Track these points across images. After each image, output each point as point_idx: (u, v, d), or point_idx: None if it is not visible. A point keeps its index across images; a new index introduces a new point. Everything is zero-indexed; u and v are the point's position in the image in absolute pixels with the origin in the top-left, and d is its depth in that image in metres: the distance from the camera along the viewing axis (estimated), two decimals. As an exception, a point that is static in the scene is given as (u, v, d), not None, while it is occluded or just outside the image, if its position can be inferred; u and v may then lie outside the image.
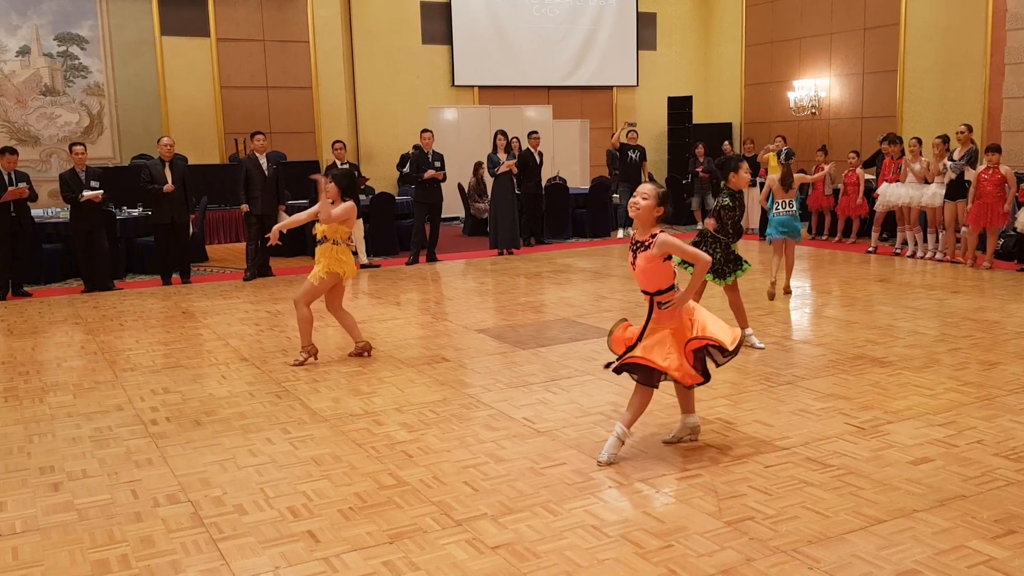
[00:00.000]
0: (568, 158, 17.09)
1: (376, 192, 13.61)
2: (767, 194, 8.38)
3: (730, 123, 18.48)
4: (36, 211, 10.69)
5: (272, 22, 15.52)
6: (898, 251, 11.47)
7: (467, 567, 3.30)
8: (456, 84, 17.31)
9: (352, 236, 6.56)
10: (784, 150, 13.07)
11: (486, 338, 7.17)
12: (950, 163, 10.52)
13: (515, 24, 17.57)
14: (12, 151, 9.57)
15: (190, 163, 12.97)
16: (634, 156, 13.81)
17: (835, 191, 12.96)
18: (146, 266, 11.18)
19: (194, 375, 6.23)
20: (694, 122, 18.38)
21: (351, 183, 6.37)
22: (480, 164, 14.38)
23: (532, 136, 13.14)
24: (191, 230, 10.75)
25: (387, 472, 4.26)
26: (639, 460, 4.33)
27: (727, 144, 15.65)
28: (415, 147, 12.05)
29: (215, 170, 13.92)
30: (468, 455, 4.47)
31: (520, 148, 12.95)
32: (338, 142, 11.49)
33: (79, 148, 9.83)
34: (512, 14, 17.53)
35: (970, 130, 10.70)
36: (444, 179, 11.62)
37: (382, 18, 16.57)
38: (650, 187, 4.29)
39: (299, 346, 6.47)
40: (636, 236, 4.29)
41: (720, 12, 18.90)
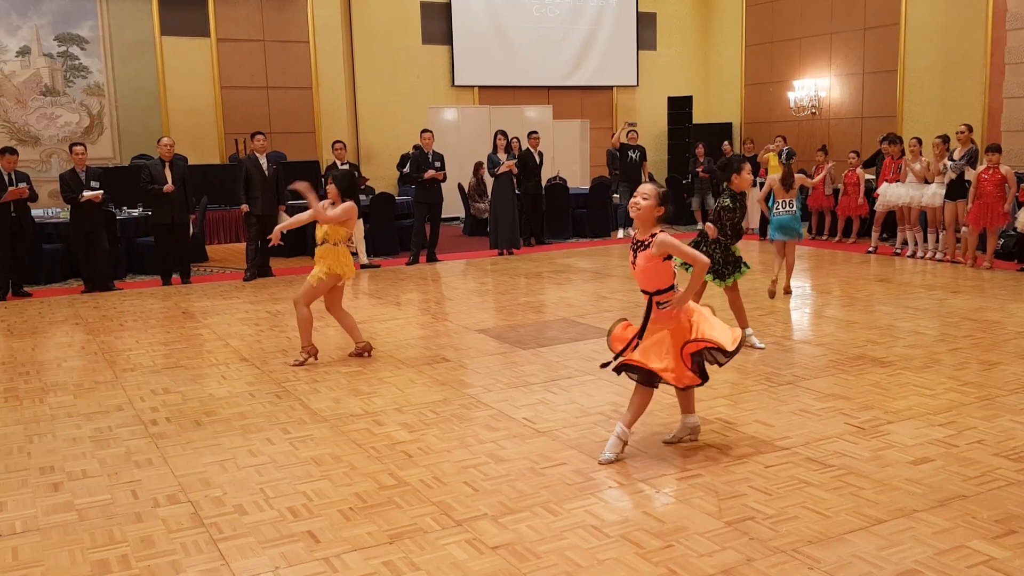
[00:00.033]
0: (568, 158, 17.09)
1: (376, 192, 13.61)
2: (766, 193, 8.38)
3: (730, 123, 18.47)
4: (36, 211, 10.68)
5: (272, 22, 15.52)
6: (898, 251, 11.47)
7: (467, 567, 3.30)
8: (456, 84, 17.31)
9: (352, 237, 6.57)
10: (785, 150, 13.07)
11: (486, 338, 7.17)
12: (950, 163, 10.52)
13: (515, 24, 17.57)
14: (12, 151, 9.57)
15: (190, 163, 12.96)
16: (634, 156, 13.82)
17: (835, 191, 12.97)
18: (146, 266, 11.18)
19: (194, 375, 6.23)
20: (694, 122, 18.39)
21: (350, 184, 6.38)
22: (480, 164, 14.38)
23: (532, 136, 13.14)
24: (191, 230, 10.75)
25: (387, 472, 4.27)
26: (639, 460, 4.33)
27: (727, 144, 15.64)
28: (415, 147, 12.05)
29: (215, 170, 13.91)
30: (468, 455, 4.47)
31: (520, 148, 12.95)
32: (338, 142, 11.50)
33: (79, 148, 9.83)
34: (512, 14, 17.53)
35: (970, 130, 10.70)
36: (444, 179, 11.62)
37: (382, 18, 16.57)
38: (650, 187, 4.31)
39: (299, 346, 6.47)
40: (637, 236, 4.31)
41: (720, 12, 18.90)
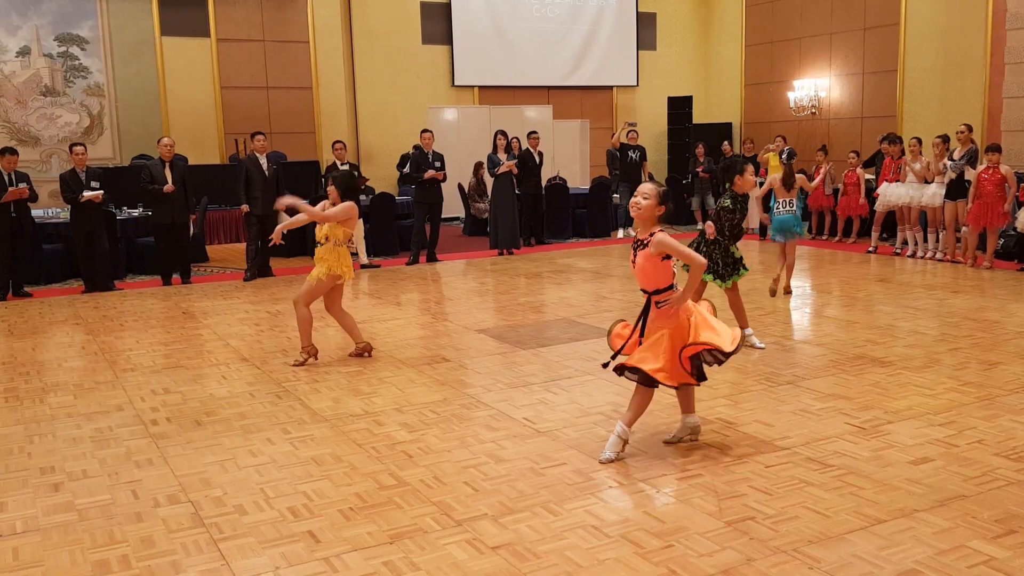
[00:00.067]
0: (568, 158, 17.09)
1: (376, 192, 13.61)
2: (766, 192, 8.39)
3: (730, 123, 18.48)
4: (36, 211, 10.68)
5: (272, 22, 15.52)
6: (898, 251, 11.47)
7: (467, 567, 3.30)
8: (456, 84, 17.32)
9: (352, 237, 6.57)
10: (787, 150, 13.06)
11: (486, 338, 7.17)
12: (950, 163, 10.52)
13: (515, 24, 17.57)
14: (12, 151, 9.57)
15: (190, 163, 12.96)
16: (634, 156, 13.82)
17: (835, 191, 12.97)
18: (146, 266, 11.19)
19: (194, 375, 6.23)
20: (694, 122, 18.39)
21: (350, 186, 6.38)
22: (480, 164, 14.38)
23: (531, 136, 13.14)
24: (191, 230, 10.75)
25: (387, 472, 4.27)
26: (639, 460, 4.34)
27: (727, 144, 15.64)
28: (415, 147, 12.04)
29: (215, 170, 13.91)
30: (468, 455, 4.47)
31: (520, 148, 12.95)
32: (338, 142, 11.50)
33: (79, 148, 9.83)
34: (512, 14, 17.53)
35: (970, 130, 10.70)
36: (444, 179, 11.62)
37: (382, 18, 16.57)
38: (651, 186, 4.32)
39: (299, 346, 6.47)
40: (638, 235, 4.33)
41: (720, 12, 18.90)
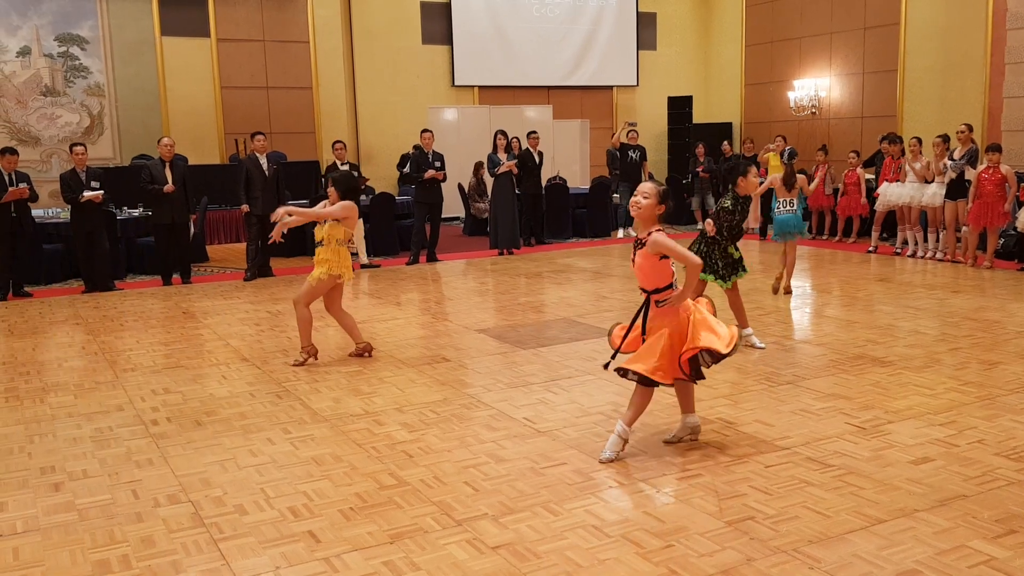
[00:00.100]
0: (568, 158, 17.09)
1: (376, 192, 13.61)
2: (765, 189, 8.41)
3: (730, 123, 18.47)
4: (37, 211, 10.68)
5: (272, 22, 15.52)
6: (898, 251, 11.47)
7: (468, 567, 3.30)
8: (456, 84, 17.31)
9: (352, 237, 6.57)
10: (788, 150, 13.06)
11: (486, 338, 7.17)
12: (950, 163, 10.52)
13: (515, 24, 17.57)
14: (12, 151, 9.57)
15: (190, 163, 12.97)
16: (634, 156, 13.82)
17: (835, 191, 12.96)
18: (146, 266, 11.19)
19: (195, 375, 6.23)
20: (694, 122, 18.39)
21: (350, 186, 6.38)
22: (480, 164, 14.38)
23: (531, 136, 13.14)
24: (192, 231, 10.75)
25: (388, 472, 4.27)
26: (639, 460, 4.34)
27: (727, 144, 15.64)
28: (415, 147, 12.05)
29: (215, 170, 13.91)
30: (468, 455, 4.47)
31: (520, 148, 12.95)
32: (338, 142, 11.50)
33: (79, 148, 9.83)
34: (512, 14, 17.53)
35: (970, 129, 10.70)
36: (444, 179, 11.62)
37: (382, 18, 16.57)
38: (651, 186, 4.33)
39: (299, 346, 6.47)
40: (638, 234, 4.33)
41: (720, 12, 18.90)
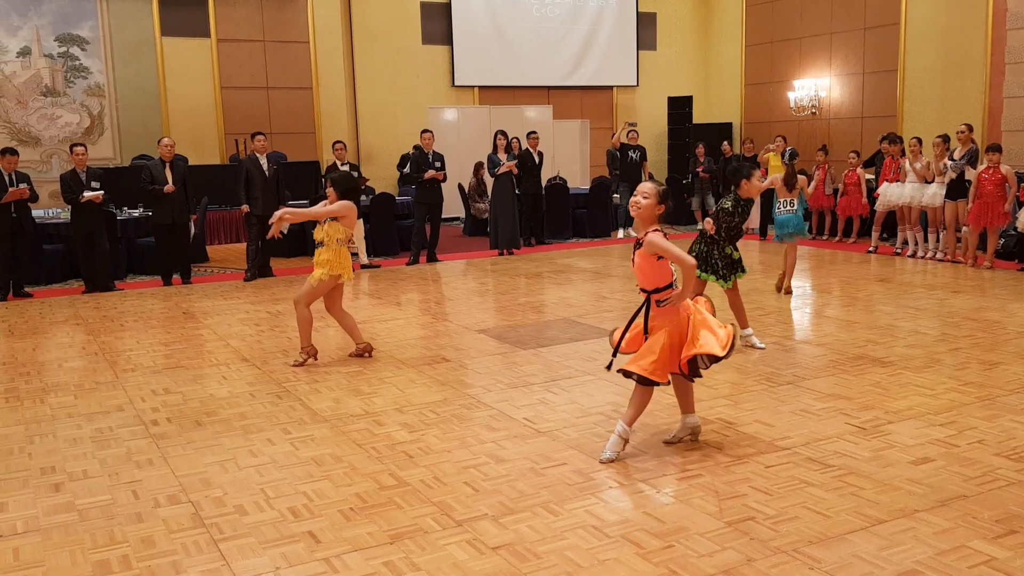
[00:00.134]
0: (568, 158, 17.09)
1: (376, 192, 13.61)
2: (765, 188, 8.41)
3: (730, 123, 18.47)
4: (37, 212, 10.68)
5: (272, 22, 15.52)
6: (898, 251, 11.46)
7: (468, 567, 3.30)
8: (456, 84, 17.31)
9: (352, 237, 6.57)
10: (789, 150, 13.02)
11: (486, 338, 7.17)
12: (950, 163, 10.52)
13: (515, 24, 17.57)
14: (13, 152, 9.57)
15: (190, 163, 12.97)
16: (634, 156, 13.82)
17: (835, 191, 12.96)
18: (147, 267, 11.19)
19: (195, 376, 6.23)
20: (694, 122, 18.39)
21: (349, 186, 6.38)
22: (480, 164, 14.38)
23: (531, 136, 13.14)
24: (192, 231, 10.75)
25: (388, 472, 4.27)
26: (639, 460, 4.34)
27: (727, 144, 15.63)
28: (415, 147, 12.05)
29: (215, 170, 13.91)
30: (469, 455, 4.47)
31: (520, 148, 12.95)
32: (338, 142, 11.50)
33: (80, 149, 9.83)
34: (512, 14, 17.53)
35: (970, 130, 10.70)
36: (444, 179, 11.62)
37: (382, 18, 16.57)
38: (650, 186, 4.33)
39: (299, 347, 6.47)
40: (638, 234, 4.34)
41: (720, 12, 18.90)
